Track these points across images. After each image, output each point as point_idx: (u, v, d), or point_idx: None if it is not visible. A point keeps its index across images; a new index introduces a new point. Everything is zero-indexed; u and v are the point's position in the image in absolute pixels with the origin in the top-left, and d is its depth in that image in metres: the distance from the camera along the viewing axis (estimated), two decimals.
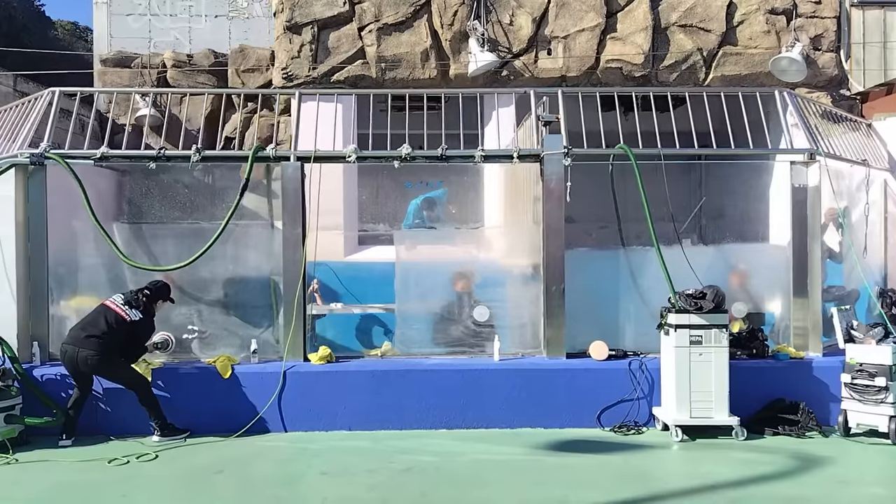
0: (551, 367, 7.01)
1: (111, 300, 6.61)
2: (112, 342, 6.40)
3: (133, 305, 6.56)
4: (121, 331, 6.45)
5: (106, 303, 6.60)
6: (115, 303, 6.57)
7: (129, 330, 6.50)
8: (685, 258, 6.98)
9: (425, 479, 5.48)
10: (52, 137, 7.24)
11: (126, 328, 6.47)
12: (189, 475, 5.67)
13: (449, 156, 7.32)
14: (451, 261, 7.54)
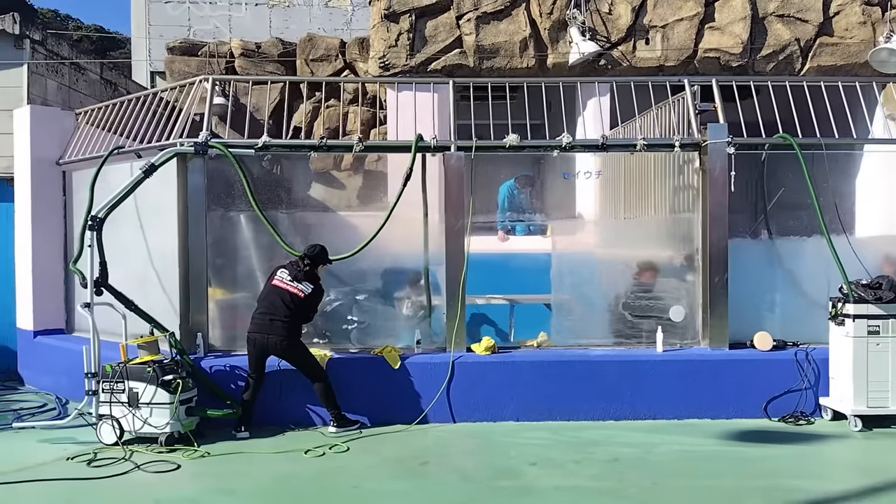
0: (718, 358, 7.01)
1: (278, 279, 6.51)
2: (296, 322, 6.37)
3: (300, 278, 6.48)
4: (299, 308, 6.40)
5: (274, 283, 6.50)
6: (283, 281, 6.48)
7: (305, 305, 6.44)
8: (851, 248, 6.98)
9: (641, 470, 5.48)
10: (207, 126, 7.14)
11: (303, 304, 6.42)
12: (397, 465, 5.64)
13: (609, 144, 7.28)
14: (604, 251, 7.50)
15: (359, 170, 12.55)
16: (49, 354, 8.32)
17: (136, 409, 6.13)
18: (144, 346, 6.38)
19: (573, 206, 10.66)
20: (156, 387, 6.11)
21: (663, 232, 7.67)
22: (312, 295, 6.48)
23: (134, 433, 6.14)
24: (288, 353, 6.37)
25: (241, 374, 6.76)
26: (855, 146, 8.28)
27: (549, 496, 4.94)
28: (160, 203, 7.15)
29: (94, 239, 6.48)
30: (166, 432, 6.10)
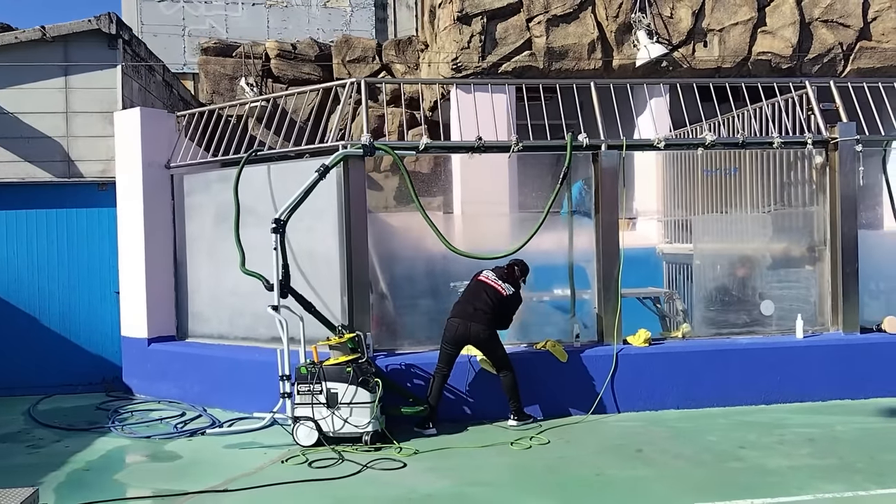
0: (854, 342, 7.49)
1: (484, 276, 6.68)
2: (495, 316, 6.51)
3: (505, 279, 6.64)
4: (499, 305, 6.54)
5: (480, 278, 6.66)
6: (489, 278, 6.64)
7: (504, 303, 6.58)
8: None
9: (846, 447, 5.86)
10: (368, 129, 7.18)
11: (504, 302, 6.56)
12: (616, 454, 5.85)
13: (748, 143, 7.67)
14: (742, 246, 7.89)
15: (396, 171, 12.64)
16: (168, 362, 8.16)
17: (336, 409, 6.13)
18: (337, 347, 6.38)
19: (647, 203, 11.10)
20: (356, 386, 6.14)
21: (786, 225, 8.10)
22: (513, 297, 6.64)
23: (333, 433, 6.15)
24: (486, 342, 6.50)
25: (417, 372, 6.84)
26: None
27: (789, 475, 5.24)
28: (319, 205, 7.13)
29: (278, 242, 6.44)
30: (369, 431, 6.14)
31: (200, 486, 5.24)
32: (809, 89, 7.98)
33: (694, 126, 11.12)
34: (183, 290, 8.58)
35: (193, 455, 6.10)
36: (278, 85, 14.82)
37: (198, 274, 8.43)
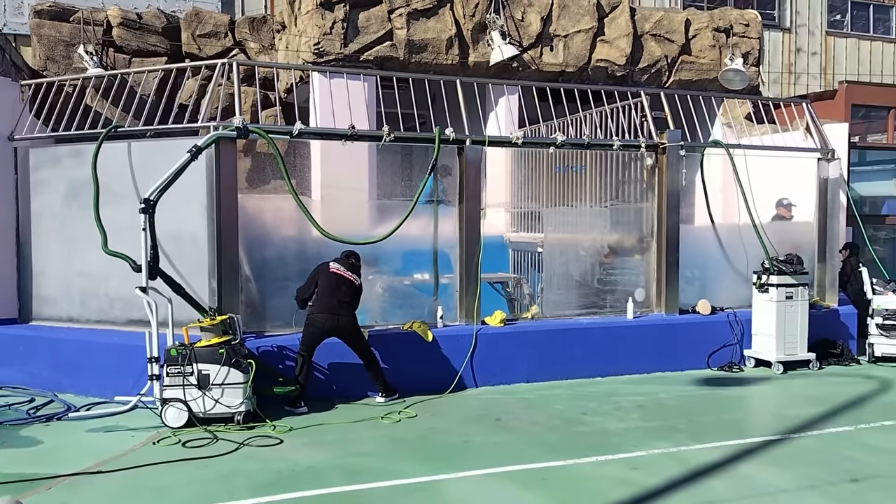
0: (674, 322, 8.62)
1: (335, 268, 6.89)
2: (355, 306, 6.80)
3: (352, 270, 6.93)
4: (356, 295, 6.84)
5: (333, 271, 6.86)
6: (340, 270, 6.87)
7: (358, 293, 6.90)
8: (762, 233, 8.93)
9: (669, 411, 6.82)
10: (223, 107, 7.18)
11: (357, 292, 6.88)
12: (479, 423, 6.40)
13: (592, 144, 8.52)
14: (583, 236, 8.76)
15: (249, 152, 12.60)
16: (13, 345, 7.69)
17: (208, 390, 6.19)
18: (209, 329, 6.40)
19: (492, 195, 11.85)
20: (229, 367, 6.22)
21: (622, 219, 9.09)
22: (361, 286, 6.95)
23: (204, 414, 6.20)
24: (354, 333, 6.79)
25: (287, 353, 7.01)
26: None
27: (626, 435, 6.06)
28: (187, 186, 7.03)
29: (147, 222, 6.33)
30: (241, 411, 6.26)
31: (70, 469, 5.13)
32: (644, 98, 8.99)
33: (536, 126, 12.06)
34: (27, 271, 8.08)
35: (55, 440, 5.89)
36: (121, 56, 14.01)
37: (45, 254, 7.98)
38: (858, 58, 25.73)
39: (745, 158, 9.19)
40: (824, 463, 5.41)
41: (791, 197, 9.77)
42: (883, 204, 14.43)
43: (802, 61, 25.12)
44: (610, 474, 5.18)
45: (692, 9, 14.95)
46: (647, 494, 4.81)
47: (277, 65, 11.33)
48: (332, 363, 7.19)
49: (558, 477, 5.13)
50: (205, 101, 13.88)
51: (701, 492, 4.88)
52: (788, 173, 9.86)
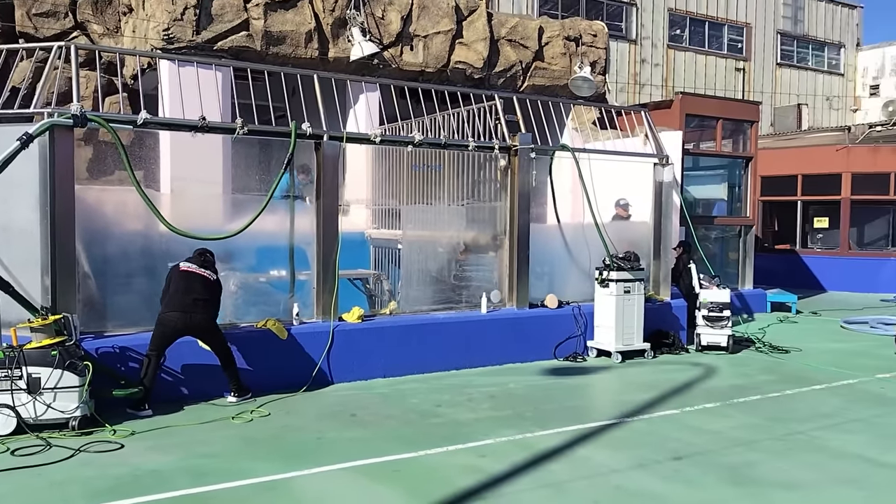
0: (525, 316, 9.03)
1: (186, 266, 6.66)
2: (212, 304, 6.60)
3: (206, 266, 6.74)
4: (213, 292, 6.65)
5: (185, 269, 6.63)
6: (192, 268, 6.66)
7: (214, 289, 6.71)
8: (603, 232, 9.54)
9: (517, 400, 7.15)
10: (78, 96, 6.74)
11: (213, 288, 6.68)
12: (334, 420, 6.41)
13: (449, 144, 8.74)
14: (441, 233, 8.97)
15: (90, 141, 11.94)
16: None
17: (39, 394, 5.79)
18: (40, 330, 5.98)
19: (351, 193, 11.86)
20: (62, 370, 5.85)
21: (477, 217, 9.39)
22: (218, 282, 6.75)
23: (35, 420, 5.80)
24: (210, 331, 6.58)
25: (130, 354, 6.69)
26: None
27: (476, 425, 6.30)
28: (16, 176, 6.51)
29: None
30: (77, 416, 5.91)
31: None
32: (498, 102, 9.34)
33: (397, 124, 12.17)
34: None
35: None
36: None
37: None
38: (695, 70, 27.99)
39: (589, 162, 9.77)
40: (653, 444, 5.89)
41: (628, 198, 10.50)
42: (714, 206, 15.81)
43: (647, 72, 26.97)
44: (459, 463, 5.37)
45: (545, 17, 15.64)
46: (493, 480, 5.04)
47: (122, 50, 10.68)
48: (183, 364, 6.93)
49: (410, 468, 5.26)
50: (40, 85, 12.91)
51: (542, 475, 5.18)
52: (629, 176, 10.59)
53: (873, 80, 31.28)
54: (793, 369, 8.79)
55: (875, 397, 7.44)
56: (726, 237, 14.97)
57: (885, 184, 18.03)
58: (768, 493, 4.91)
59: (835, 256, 18.52)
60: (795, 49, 30.07)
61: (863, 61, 31.63)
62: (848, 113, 31.49)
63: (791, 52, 29.95)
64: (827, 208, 18.89)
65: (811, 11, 30.38)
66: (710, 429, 6.32)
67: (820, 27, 30.66)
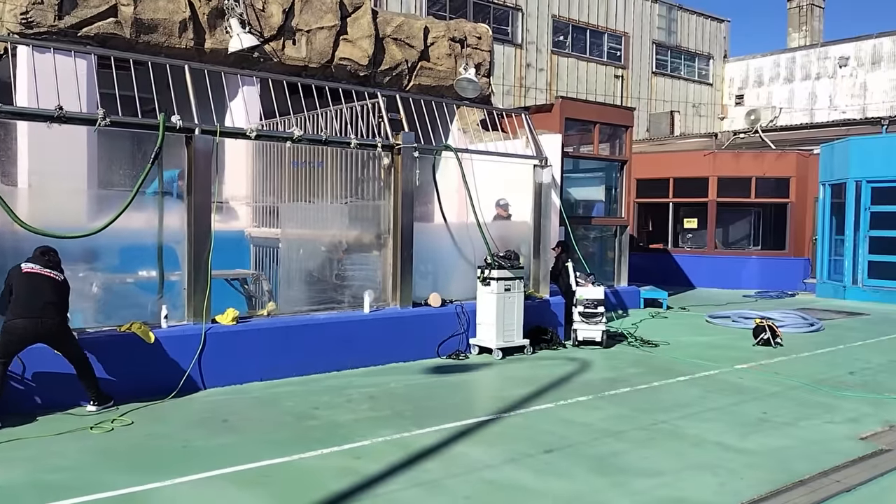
0: (407, 315, 9.01)
1: (30, 268, 6.17)
2: (63, 307, 6.17)
3: (51, 266, 6.29)
4: (62, 294, 6.22)
5: (28, 271, 6.13)
6: (36, 269, 6.17)
7: (63, 291, 6.27)
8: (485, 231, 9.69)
9: (397, 399, 7.12)
10: None
11: (61, 289, 6.24)
12: (202, 427, 6.13)
13: (330, 141, 8.58)
14: (322, 232, 8.80)
15: None
16: None
17: None
18: None
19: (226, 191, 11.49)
20: None
21: (360, 216, 9.29)
22: (66, 282, 6.30)
23: None
24: (62, 335, 6.13)
25: None
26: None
27: (354, 426, 6.22)
28: None
29: None
30: None
31: None
32: (380, 99, 9.27)
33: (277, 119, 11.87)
34: None
35: None
36: None
37: None
38: (578, 76, 29.01)
39: (471, 162, 9.89)
40: (527, 438, 6.01)
41: (509, 198, 10.71)
42: (594, 207, 16.41)
43: (532, 76, 27.70)
44: (333, 465, 5.27)
45: (431, 17, 15.72)
46: (367, 481, 4.98)
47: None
48: (35, 372, 6.44)
49: (281, 473, 5.11)
50: None
51: (417, 474, 5.17)
52: (511, 177, 10.81)
53: (739, 91, 33.53)
54: (660, 362, 9.25)
55: (733, 387, 7.93)
56: (604, 237, 15.58)
57: (746, 187, 19.33)
58: (632, 481, 5.11)
59: (702, 255, 19.68)
60: (669, 59, 31.77)
61: (730, 72, 33.84)
62: (716, 120, 33.61)
63: (665, 61, 31.62)
64: (695, 210, 20.05)
65: (683, 24, 32.19)
66: (582, 421, 6.52)
67: (691, 39, 32.55)
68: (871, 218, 16.42)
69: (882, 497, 4.86)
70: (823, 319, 12.91)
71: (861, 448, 5.84)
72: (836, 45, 30.72)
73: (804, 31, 33.73)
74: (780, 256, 19.34)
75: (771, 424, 6.50)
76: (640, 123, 30.08)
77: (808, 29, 33.76)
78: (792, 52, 32.25)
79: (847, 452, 5.71)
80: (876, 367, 9.13)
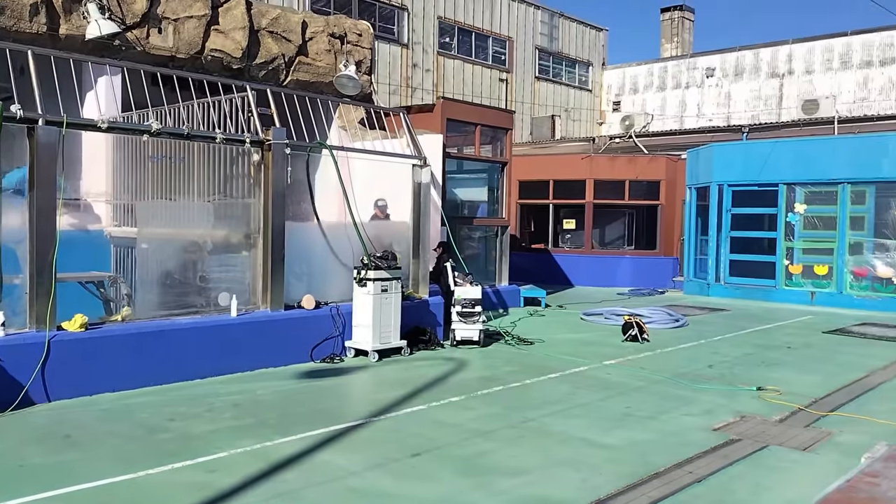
0: (279, 318, 8.68)
1: None
2: None
3: None
4: None
5: None
6: None
7: None
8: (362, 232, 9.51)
9: (263, 408, 6.81)
10: None
11: None
12: (44, 443, 5.61)
13: (193, 135, 8.12)
14: (186, 231, 8.31)
15: None
16: None
17: None
18: None
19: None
20: None
21: (228, 214, 8.86)
22: None
23: None
24: None
25: None
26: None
27: (211, 437, 5.88)
28: None
29: None
30: None
31: None
32: (249, 93, 8.89)
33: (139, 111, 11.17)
34: None
35: None
36: None
37: None
38: (464, 78, 29.29)
39: (347, 160, 9.67)
40: (395, 442, 5.88)
41: (387, 198, 10.57)
42: (479, 208, 16.56)
43: (418, 76, 27.71)
44: (184, 481, 4.94)
45: (309, 12, 15.34)
46: (220, 496, 4.69)
47: None
48: None
49: (125, 491, 4.73)
50: None
51: (275, 485, 4.92)
52: (391, 177, 10.67)
53: (616, 97, 34.98)
54: (534, 360, 9.38)
55: (600, 382, 8.14)
56: (487, 237, 15.74)
57: (621, 190, 20.13)
58: (497, 481, 5.08)
59: (581, 255, 20.32)
60: (551, 64, 32.70)
61: (608, 79, 35.24)
62: (595, 125, 34.92)
63: (548, 67, 32.51)
64: (574, 211, 20.68)
65: (564, 31, 33.22)
66: (452, 422, 6.47)
67: (572, 46, 33.64)
68: (731, 219, 17.48)
69: (730, 485, 5.07)
70: (688, 315, 13.59)
71: (714, 439, 6.10)
72: (704, 56, 32.62)
73: (676, 43, 35.64)
74: (651, 256, 20.26)
75: (633, 419, 6.68)
76: (524, 127, 30.80)
77: (679, 40, 35.69)
78: (664, 61, 33.97)
79: (701, 443, 5.94)
80: (732, 360, 9.65)
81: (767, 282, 16.85)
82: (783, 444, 5.98)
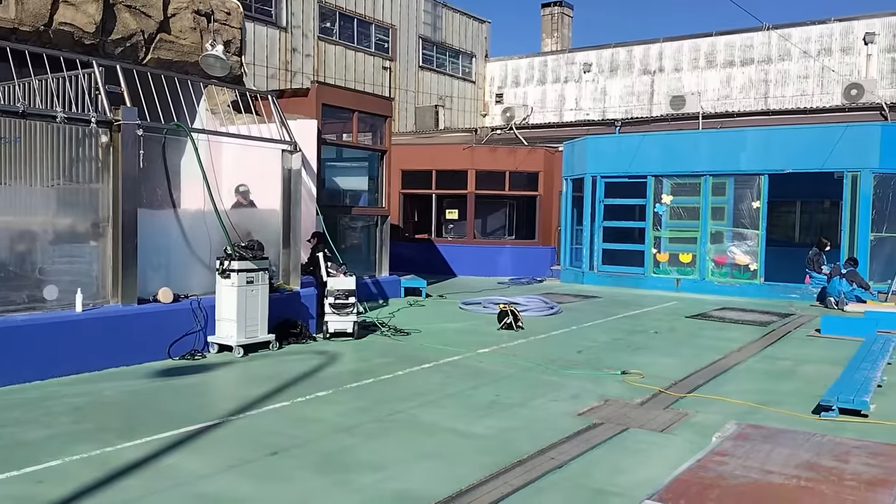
0: (131, 313, 8.06)
1: None
2: None
3: None
4: None
5: None
6: None
7: None
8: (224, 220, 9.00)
9: (112, 407, 6.27)
10: None
11: None
12: None
13: (30, 113, 7.34)
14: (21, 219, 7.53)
15: None
16: None
17: None
18: None
19: None
20: None
21: (72, 201, 8.11)
22: None
23: None
24: None
25: None
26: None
27: (43, 444, 5.31)
28: None
29: None
30: None
31: None
32: (96, 70, 8.17)
33: None
34: None
35: None
36: None
37: None
38: (346, 65, 28.71)
39: (215, 146, 9.13)
40: (252, 441, 5.54)
41: (257, 184, 10.09)
42: (360, 197, 16.21)
43: (298, 61, 26.89)
44: (6, 494, 4.40)
45: None
46: None
47: None
48: None
49: None
50: None
51: (113, 494, 4.48)
52: (260, 163, 10.18)
53: (499, 89, 35.45)
54: (409, 350, 9.23)
55: (472, 371, 8.09)
56: (369, 227, 15.44)
57: (502, 180, 20.36)
58: (358, 478, 4.87)
59: (463, 245, 20.42)
60: (435, 54, 32.68)
61: (490, 71, 35.65)
62: (478, 116, 35.27)
63: (431, 56, 32.47)
64: (457, 201, 20.74)
65: (448, 21, 33.27)
66: (316, 417, 6.19)
67: (456, 37, 33.76)
68: (604, 210, 18.05)
69: (589, 469, 5.09)
70: (563, 303, 13.89)
71: (578, 423, 6.15)
72: (582, 51, 33.60)
73: (556, 38, 36.53)
74: (530, 245, 20.65)
75: (501, 406, 6.65)
76: (409, 116, 30.64)
77: (559, 35, 36.60)
78: (545, 55, 34.74)
79: (565, 429, 5.97)
80: (601, 345, 9.89)
81: (637, 270, 17.54)
82: (643, 426, 6.11)
